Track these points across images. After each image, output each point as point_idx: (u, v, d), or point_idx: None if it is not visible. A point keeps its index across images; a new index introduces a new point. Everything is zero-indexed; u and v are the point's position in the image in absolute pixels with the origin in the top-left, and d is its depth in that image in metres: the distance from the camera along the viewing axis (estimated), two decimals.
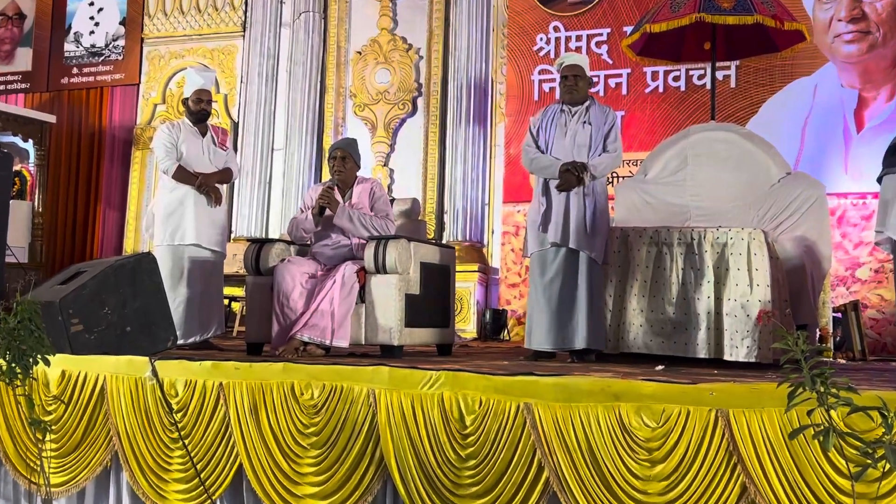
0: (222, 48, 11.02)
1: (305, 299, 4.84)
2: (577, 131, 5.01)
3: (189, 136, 5.74)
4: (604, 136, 5.00)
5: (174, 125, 5.80)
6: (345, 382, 3.47)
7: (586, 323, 4.86)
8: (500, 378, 3.22)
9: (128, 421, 3.80)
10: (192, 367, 3.76)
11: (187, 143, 5.71)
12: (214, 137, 5.84)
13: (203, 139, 5.79)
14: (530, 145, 5.12)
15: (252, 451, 3.55)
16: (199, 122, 5.80)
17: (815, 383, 2.34)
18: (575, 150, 4.98)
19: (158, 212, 5.72)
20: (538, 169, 5.07)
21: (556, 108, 5.16)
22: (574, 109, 5.09)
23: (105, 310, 4.34)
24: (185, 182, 5.65)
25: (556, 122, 5.08)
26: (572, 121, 5.05)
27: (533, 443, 3.10)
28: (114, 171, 11.24)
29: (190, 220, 5.62)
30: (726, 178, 5.69)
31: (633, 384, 3.04)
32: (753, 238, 4.67)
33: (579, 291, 4.90)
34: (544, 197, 5.03)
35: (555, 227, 4.95)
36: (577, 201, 4.94)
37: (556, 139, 5.04)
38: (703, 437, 2.87)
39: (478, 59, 9.74)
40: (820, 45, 8.32)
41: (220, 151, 5.84)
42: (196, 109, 5.77)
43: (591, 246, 4.91)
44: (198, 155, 5.73)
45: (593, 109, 5.07)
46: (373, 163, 10.13)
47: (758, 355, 4.53)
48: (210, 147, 5.79)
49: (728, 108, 8.48)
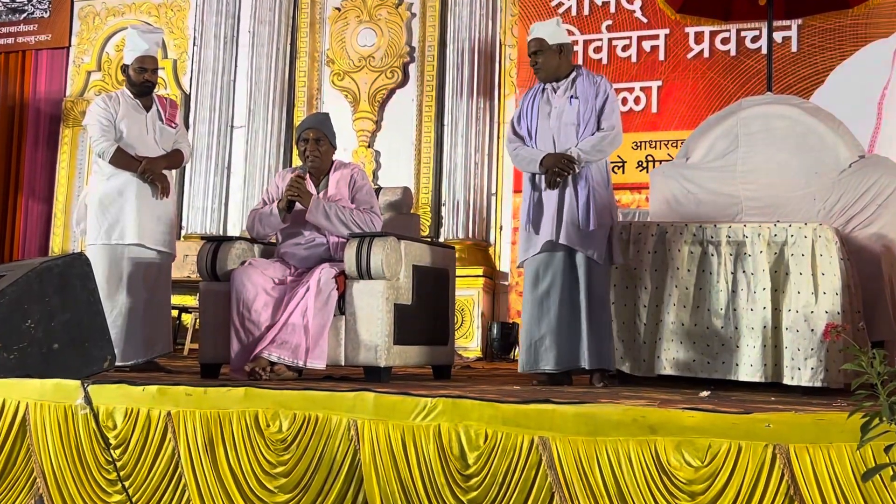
0: (171, 4, 11.04)
1: (272, 311, 4.83)
2: (562, 109, 5.05)
3: (130, 110, 5.74)
4: (597, 111, 5.02)
5: (111, 97, 5.80)
6: (320, 412, 3.46)
7: (590, 337, 4.88)
8: (509, 406, 3.22)
9: (55, 458, 3.79)
10: (134, 392, 3.75)
11: (127, 120, 5.71)
12: (161, 112, 5.84)
13: (147, 115, 5.79)
14: (510, 139, 5.21)
15: (207, 494, 3.55)
16: (141, 94, 5.80)
17: (894, 413, 2.34)
18: (562, 132, 5.01)
19: (92, 204, 5.72)
20: (520, 163, 5.14)
21: (536, 88, 5.22)
22: (557, 85, 5.12)
23: (27, 323, 4.32)
24: (124, 168, 5.64)
25: (538, 104, 5.13)
26: (556, 97, 5.09)
27: (550, 485, 3.10)
28: (38, 153, 11.24)
29: (131, 215, 5.62)
30: (786, 162, 5.68)
31: (673, 414, 3.04)
32: (819, 235, 4.66)
33: (581, 300, 4.92)
34: (534, 191, 5.07)
35: (548, 224, 4.97)
36: (569, 191, 4.97)
37: (539, 122, 5.08)
38: (757, 479, 2.86)
39: (483, 18, 9.75)
40: None
41: (168, 129, 5.85)
42: (138, 80, 5.77)
43: (587, 243, 4.92)
44: (140, 134, 5.73)
45: (580, 81, 5.09)
46: (355, 144, 10.14)
47: (824, 378, 4.52)
48: (155, 124, 5.80)
49: (788, 78, 8.49)
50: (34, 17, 11.43)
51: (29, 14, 11.45)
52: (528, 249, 5.08)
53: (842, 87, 8.39)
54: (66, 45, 11.32)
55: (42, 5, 11.41)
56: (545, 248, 5.00)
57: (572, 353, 4.93)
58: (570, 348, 4.93)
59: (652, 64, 9.06)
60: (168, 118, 5.86)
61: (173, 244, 5.88)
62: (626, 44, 9.21)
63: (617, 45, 9.24)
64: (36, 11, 11.43)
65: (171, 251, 5.83)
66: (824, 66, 8.52)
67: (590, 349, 4.88)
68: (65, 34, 11.32)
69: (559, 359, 4.95)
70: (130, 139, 5.69)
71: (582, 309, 4.92)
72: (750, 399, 4.01)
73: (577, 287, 4.94)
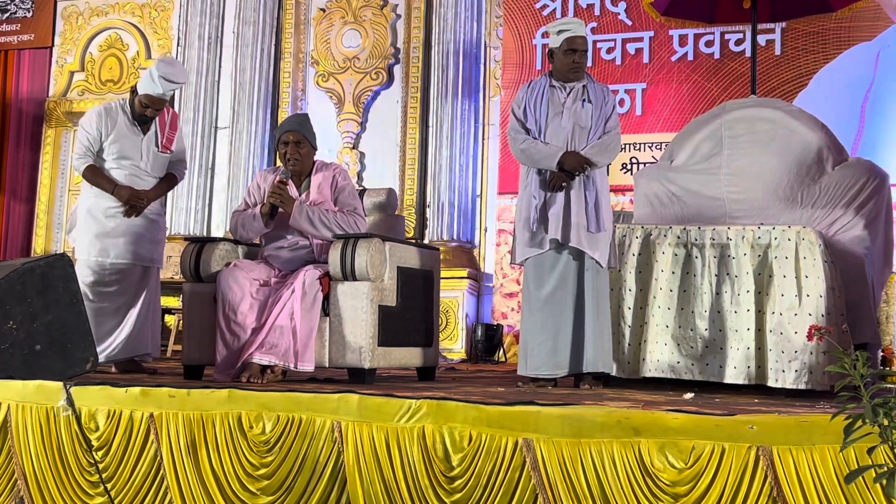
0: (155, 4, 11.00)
1: (257, 313, 4.82)
2: (576, 111, 5.05)
3: (125, 131, 5.59)
4: (605, 118, 5.05)
5: (109, 111, 5.63)
6: (304, 413, 3.46)
7: (594, 342, 4.88)
8: (494, 408, 3.22)
9: (36, 460, 3.78)
10: (117, 394, 3.74)
11: (121, 142, 5.57)
12: (159, 136, 5.68)
13: (143, 137, 5.63)
14: (518, 131, 5.13)
15: (189, 496, 3.54)
16: (140, 121, 5.68)
17: (876, 415, 2.35)
18: (577, 134, 5.01)
19: (81, 216, 5.65)
20: (532, 160, 5.08)
21: (544, 83, 5.17)
22: (568, 86, 5.12)
23: (9, 324, 4.30)
24: (98, 187, 5.54)
25: (546, 100, 5.11)
26: (569, 99, 5.09)
27: (534, 487, 3.10)
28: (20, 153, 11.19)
29: (118, 231, 5.53)
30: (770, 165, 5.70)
31: (657, 416, 3.04)
32: (803, 238, 4.68)
33: (587, 303, 4.91)
34: (541, 189, 5.05)
35: (555, 223, 4.96)
36: (577, 193, 4.97)
37: (550, 121, 5.07)
38: (740, 481, 2.87)
39: (468, 19, 9.76)
40: (883, 2, 8.37)
41: (162, 156, 5.71)
42: (139, 111, 5.57)
43: (595, 246, 4.93)
44: (132, 159, 5.59)
45: (591, 87, 5.11)
46: (339, 145, 10.13)
47: (808, 381, 4.54)
48: (150, 149, 5.65)
49: (772, 81, 8.52)
50: (17, 17, 11.38)
51: (11, 14, 11.40)
52: (531, 247, 5.05)
53: (826, 90, 8.43)
54: (49, 44, 11.27)
55: (25, 5, 11.36)
56: (551, 246, 4.98)
57: (575, 358, 4.92)
58: (575, 353, 4.93)
59: (636, 66, 9.08)
60: (165, 144, 5.72)
61: (161, 257, 5.81)
62: (610, 46, 9.24)
63: (601, 48, 9.26)
64: (19, 11, 11.38)
65: (159, 265, 5.78)
66: (808, 68, 8.56)
67: (594, 353, 4.88)
68: (48, 34, 11.27)
69: (558, 364, 4.93)
70: (119, 163, 5.53)
71: (587, 312, 4.91)
72: (734, 401, 4.02)
73: (584, 290, 4.94)
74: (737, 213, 5.66)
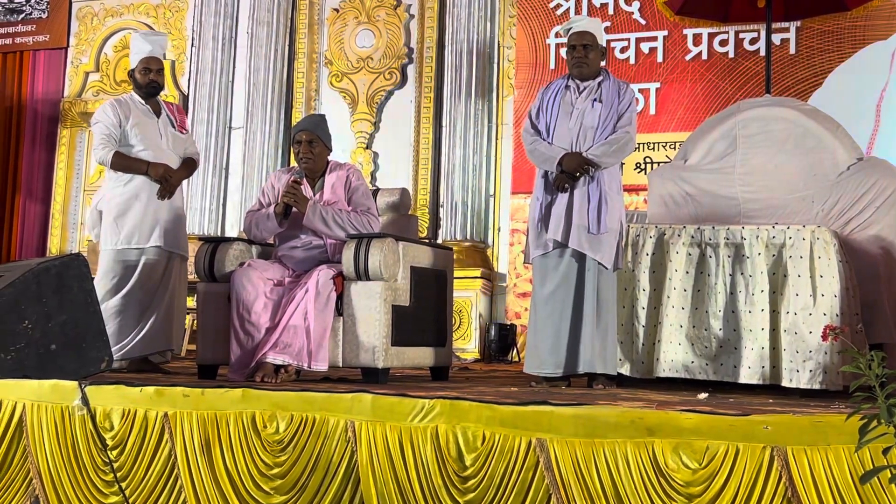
0: (169, 5, 11.02)
1: (271, 312, 4.83)
2: (584, 111, 5.05)
3: (141, 116, 5.68)
4: (617, 116, 5.03)
5: (121, 103, 5.73)
6: (317, 413, 3.46)
7: (591, 342, 4.88)
8: (507, 408, 3.22)
9: (52, 460, 3.79)
10: (131, 393, 3.75)
11: (140, 126, 5.65)
12: (171, 118, 5.79)
13: (158, 119, 5.73)
14: (528, 131, 5.17)
15: (203, 495, 3.54)
16: (149, 96, 5.76)
17: (892, 415, 2.34)
18: (581, 134, 5.01)
19: (109, 210, 5.67)
20: (537, 161, 5.12)
21: (560, 84, 5.20)
22: (583, 85, 5.12)
23: (24, 324, 4.32)
24: (127, 170, 5.60)
25: (559, 101, 5.11)
26: (580, 98, 5.09)
27: (547, 487, 3.10)
28: (36, 153, 11.22)
29: (149, 218, 5.57)
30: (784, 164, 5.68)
31: (671, 416, 3.04)
32: (818, 237, 4.67)
33: (586, 304, 4.92)
34: (546, 191, 5.06)
35: (556, 223, 4.97)
36: (580, 194, 4.97)
37: (559, 120, 5.08)
38: (755, 481, 2.86)
39: (481, 20, 9.75)
40: None
41: (180, 136, 5.80)
42: (144, 82, 5.72)
43: (596, 248, 4.92)
44: (154, 139, 5.67)
45: (606, 85, 5.10)
46: (353, 145, 10.14)
47: (823, 381, 4.53)
48: (168, 130, 5.74)
49: (786, 80, 8.49)
50: (32, 18, 11.42)
51: (27, 15, 11.44)
52: (536, 247, 5.08)
53: (840, 89, 8.39)
54: (65, 45, 11.31)
55: (40, 6, 11.40)
56: (554, 246, 4.99)
57: (571, 358, 4.93)
58: (571, 353, 4.94)
59: (650, 66, 9.06)
60: (179, 125, 5.82)
61: (186, 246, 5.86)
62: (624, 45, 9.21)
63: (615, 47, 9.24)
64: (34, 12, 11.42)
65: (186, 254, 5.82)
66: (823, 68, 8.52)
67: (591, 354, 4.88)
68: (63, 35, 11.30)
69: (557, 362, 4.95)
70: (145, 144, 5.63)
71: (586, 314, 4.91)
72: (748, 401, 4.01)
73: (584, 291, 4.94)
74: (751, 212, 5.64)
